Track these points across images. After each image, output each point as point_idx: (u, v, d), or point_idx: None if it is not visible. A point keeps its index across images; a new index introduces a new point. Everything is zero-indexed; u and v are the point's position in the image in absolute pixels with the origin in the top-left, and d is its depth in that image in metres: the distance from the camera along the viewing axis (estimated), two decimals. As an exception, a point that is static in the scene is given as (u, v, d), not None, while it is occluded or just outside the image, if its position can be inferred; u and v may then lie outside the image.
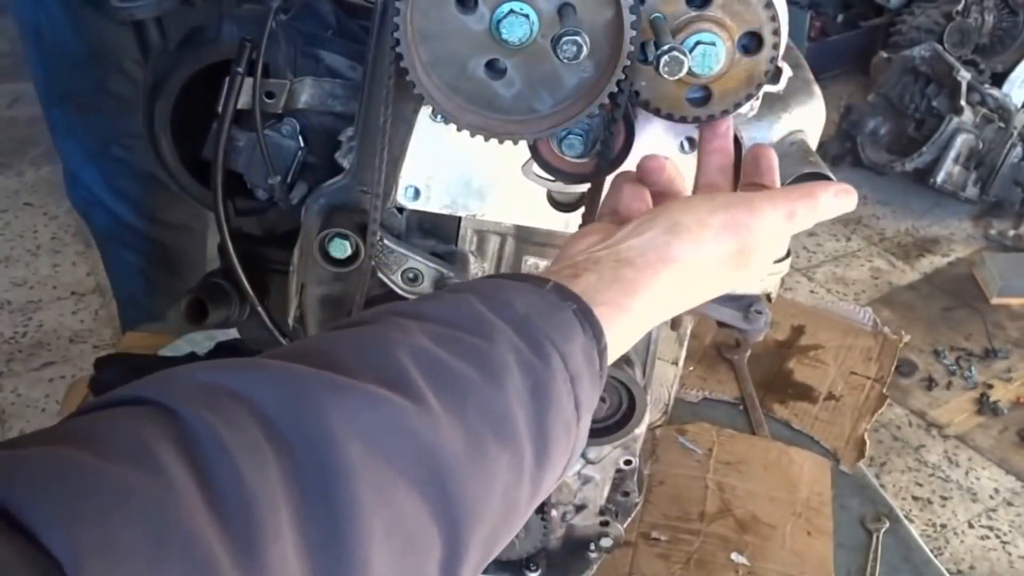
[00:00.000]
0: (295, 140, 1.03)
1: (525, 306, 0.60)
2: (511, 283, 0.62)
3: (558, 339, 0.59)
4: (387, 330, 0.56)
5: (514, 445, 0.55)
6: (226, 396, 0.47)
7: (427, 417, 0.51)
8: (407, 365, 0.53)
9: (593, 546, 1.31)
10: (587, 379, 0.60)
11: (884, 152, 3.04)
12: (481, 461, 0.53)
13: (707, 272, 0.69)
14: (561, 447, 0.59)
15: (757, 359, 2.09)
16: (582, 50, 0.71)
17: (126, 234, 1.92)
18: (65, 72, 1.74)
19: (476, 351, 0.56)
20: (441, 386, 0.53)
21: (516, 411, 0.55)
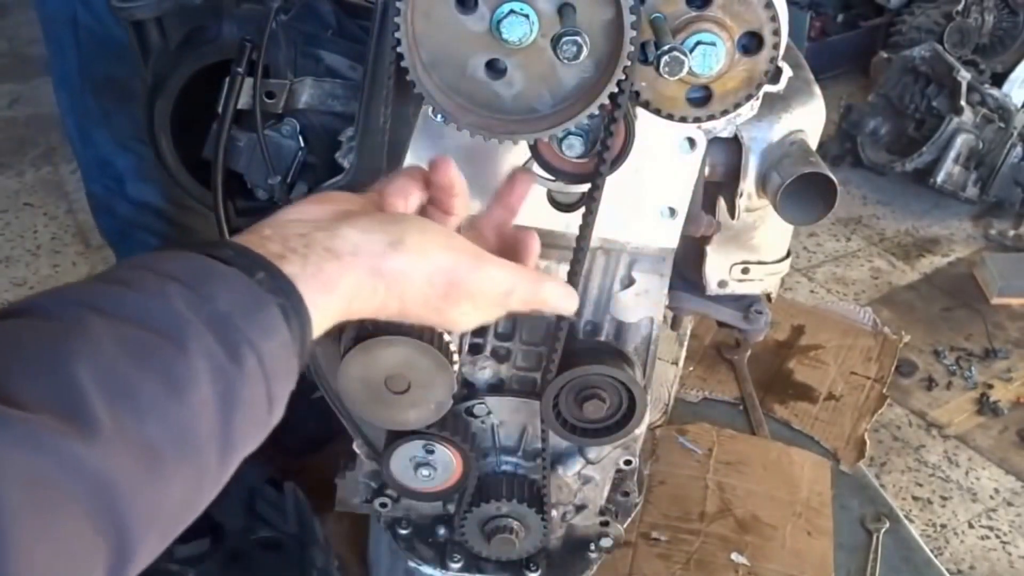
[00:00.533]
0: (295, 140, 1.03)
1: (229, 302, 0.59)
2: (220, 269, 0.60)
3: (258, 339, 0.59)
4: (73, 339, 0.54)
5: (196, 457, 0.56)
6: None
7: (99, 446, 0.51)
8: (85, 386, 0.52)
9: (593, 546, 1.31)
10: (283, 374, 0.61)
11: (884, 152, 3.04)
12: (158, 479, 0.54)
13: (408, 298, 0.70)
14: (249, 442, 0.60)
15: (757, 359, 2.09)
16: (582, 50, 0.71)
17: (150, 219, 1.94)
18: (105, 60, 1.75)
19: (165, 362, 0.55)
20: (120, 407, 0.52)
21: (200, 424, 0.56)
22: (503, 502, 1.20)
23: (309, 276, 0.64)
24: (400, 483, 1.15)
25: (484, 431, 1.17)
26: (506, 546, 1.23)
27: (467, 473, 1.14)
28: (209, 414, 0.56)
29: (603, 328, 1.09)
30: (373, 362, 0.97)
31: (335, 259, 0.66)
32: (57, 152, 3.04)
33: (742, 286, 1.12)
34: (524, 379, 1.14)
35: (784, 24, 0.77)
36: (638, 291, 1.06)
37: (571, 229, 0.94)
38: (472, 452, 1.12)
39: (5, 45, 3.71)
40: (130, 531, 0.52)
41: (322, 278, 0.65)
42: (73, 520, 0.49)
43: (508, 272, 0.75)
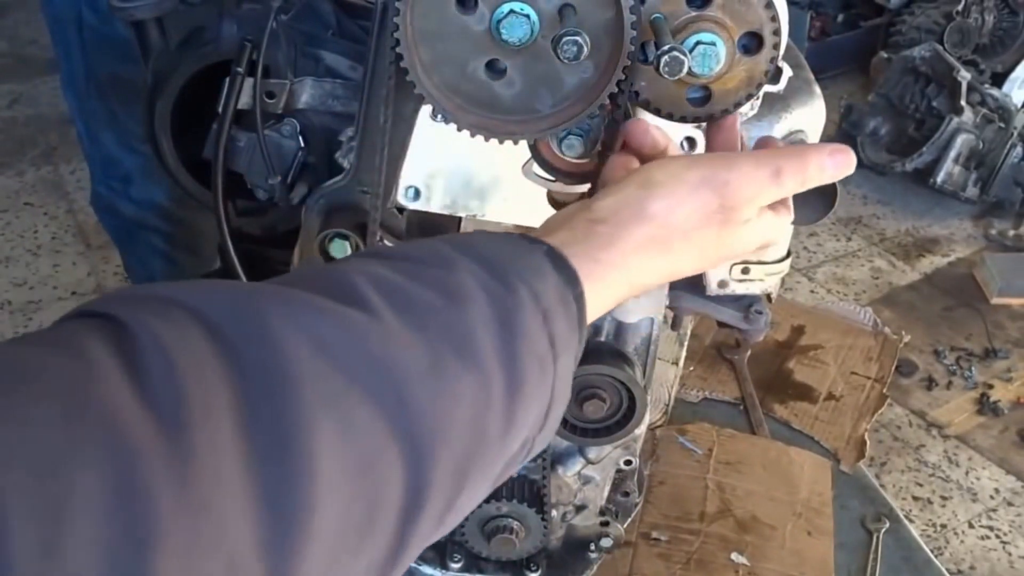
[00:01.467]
0: (295, 140, 1.03)
1: (491, 248, 0.59)
2: (479, 232, 0.62)
3: (528, 276, 0.58)
4: (343, 262, 0.57)
5: (479, 367, 0.53)
6: (173, 305, 0.46)
7: (382, 329, 0.49)
8: (361, 285, 0.51)
9: (593, 546, 1.31)
10: (563, 318, 0.59)
11: (884, 152, 3.04)
12: (442, 379, 0.51)
13: (687, 231, 0.67)
14: (535, 381, 0.56)
15: (757, 359, 2.09)
16: (582, 50, 0.71)
17: (155, 218, 1.95)
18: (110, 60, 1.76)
19: (437, 279, 0.54)
20: (399, 305, 0.51)
21: (481, 335, 0.53)
22: (503, 502, 1.20)
23: (576, 242, 0.63)
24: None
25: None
26: (506, 546, 1.23)
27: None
28: (489, 331, 0.54)
29: (603, 328, 1.09)
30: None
31: (601, 223, 0.65)
32: (57, 152, 3.05)
33: (742, 286, 1.12)
34: (524, 379, 1.13)
35: (784, 24, 0.77)
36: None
37: (571, 229, 0.94)
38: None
39: (5, 45, 3.72)
40: (422, 440, 0.49)
41: (595, 240, 0.64)
42: (364, 408, 0.47)
43: (762, 156, 0.71)
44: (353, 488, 0.46)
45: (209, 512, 0.41)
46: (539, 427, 0.59)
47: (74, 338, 0.44)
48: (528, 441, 0.59)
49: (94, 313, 0.46)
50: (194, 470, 0.41)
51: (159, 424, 0.41)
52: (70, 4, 1.76)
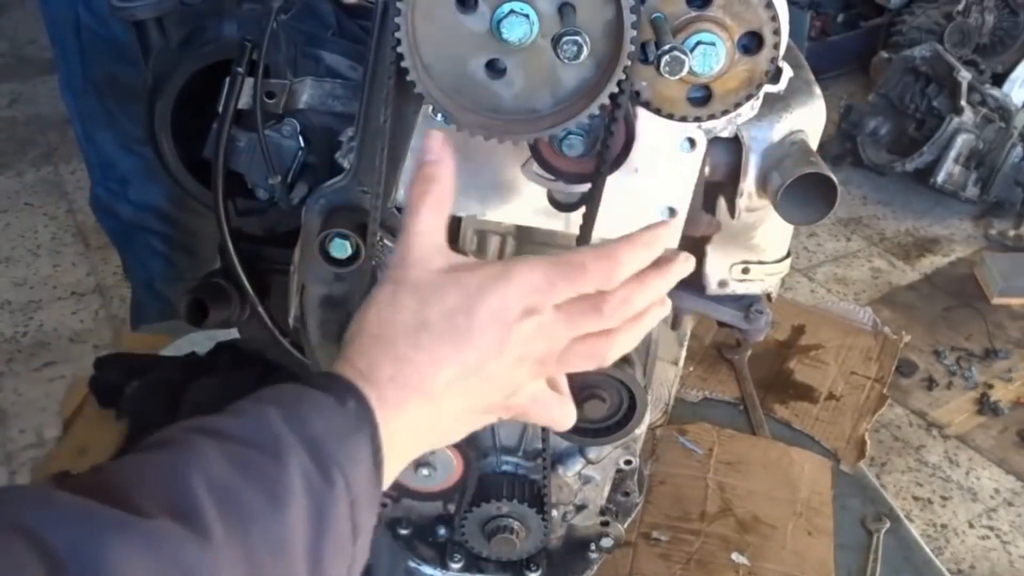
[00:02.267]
0: (295, 140, 1.03)
1: (322, 426, 0.63)
2: (314, 395, 0.65)
3: (346, 463, 0.62)
4: (185, 455, 0.59)
5: (289, 568, 0.58)
6: (23, 537, 0.50)
7: (209, 551, 0.54)
8: (199, 494, 0.56)
9: (593, 546, 1.31)
10: (366, 502, 0.64)
11: (884, 152, 3.04)
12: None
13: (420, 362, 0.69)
14: (336, 564, 0.62)
15: (757, 359, 2.09)
16: (582, 50, 0.71)
17: (153, 220, 1.96)
18: (108, 61, 1.76)
19: (268, 476, 0.59)
20: (229, 514, 0.56)
21: (296, 537, 0.59)
22: (503, 502, 1.19)
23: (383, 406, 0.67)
24: (400, 483, 1.15)
25: (484, 431, 1.17)
26: (506, 546, 1.23)
27: (467, 473, 1.13)
28: (303, 530, 0.59)
29: (603, 328, 1.09)
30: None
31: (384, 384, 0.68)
32: (57, 152, 3.05)
33: (742, 286, 1.12)
34: (524, 379, 1.13)
35: (784, 24, 0.77)
36: (638, 291, 1.06)
37: (571, 229, 0.94)
38: (472, 452, 1.12)
39: (5, 45, 3.72)
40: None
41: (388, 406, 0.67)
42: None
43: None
44: None
45: None
46: None
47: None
48: None
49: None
50: None
51: None
52: (67, 5, 1.76)
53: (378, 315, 0.72)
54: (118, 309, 2.39)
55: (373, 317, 0.72)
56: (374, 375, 0.68)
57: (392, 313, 0.71)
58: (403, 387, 0.68)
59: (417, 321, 0.69)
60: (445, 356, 0.69)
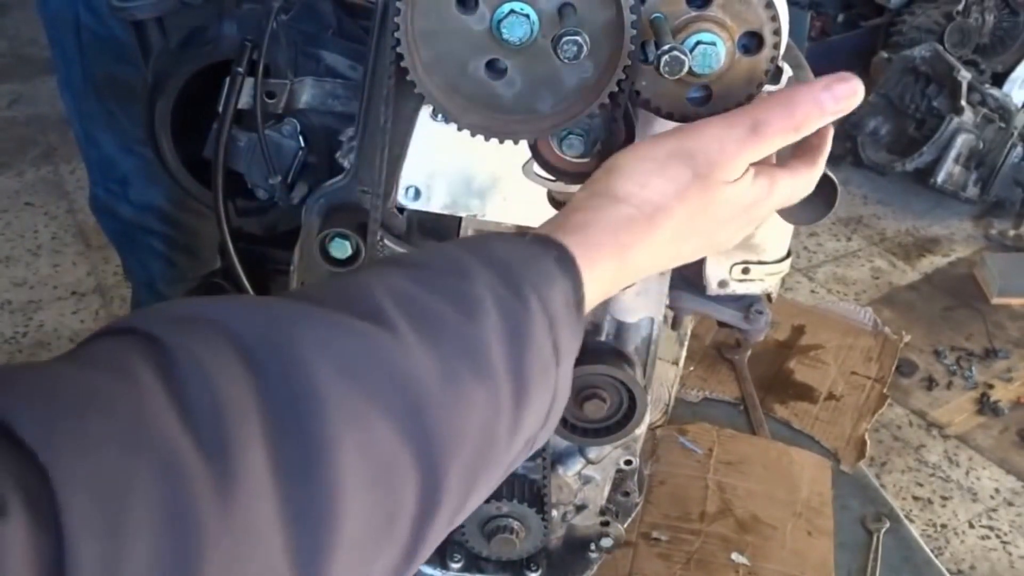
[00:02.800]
0: (296, 140, 1.03)
1: (504, 251, 0.60)
2: (492, 235, 0.64)
3: (538, 282, 0.59)
4: (365, 273, 0.58)
5: (491, 379, 0.55)
6: (203, 322, 0.49)
7: (400, 346, 0.52)
8: (381, 299, 0.54)
9: (593, 546, 1.31)
10: (566, 324, 0.60)
11: (884, 152, 3.04)
12: (457, 392, 0.53)
13: (667, 207, 0.65)
14: (540, 388, 0.59)
15: (757, 359, 2.10)
16: (582, 50, 0.71)
17: (153, 221, 1.95)
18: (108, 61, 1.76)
19: (453, 289, 0.56)
20: (416, 319, 0.53)
21: (493, 347, 0.55)
22: (503, 502, 1.20)
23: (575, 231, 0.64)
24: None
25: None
26: (506, 546, 1.23)
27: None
28: (500, 342, 0.56)
29: (603, 328, 1.09)
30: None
31: (575, 211, 0.65)
32: (57, 152, 3.05)
33: (742, 286, 1.12)
34: (524, 379, 1.13)
35: (784, 24, 0.77)
36: (638, 291, 1.06)
37: (571, 229, 0.94)
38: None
39: (5, 45, 3.72)
40: (435, 450, 0.51)
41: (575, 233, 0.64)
42: (383, 424, 0.49)
43: (736, 113, 0.68)
44: (373, 498, 0.49)
45: (248, 532, 0.44)
46: (541, 425, 0.61)
47: (120, 359, 0.46)
48: (531, 439, 0.61)
49: (131, 330, 0.48)
50: (234, 494, 0.43)
51: (203, 449, 0.43)
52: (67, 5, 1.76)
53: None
54: (118, 309, 2.39)
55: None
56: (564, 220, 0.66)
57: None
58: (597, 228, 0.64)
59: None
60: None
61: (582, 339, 0.63)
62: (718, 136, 0.66)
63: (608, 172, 0.68)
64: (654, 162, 0.66)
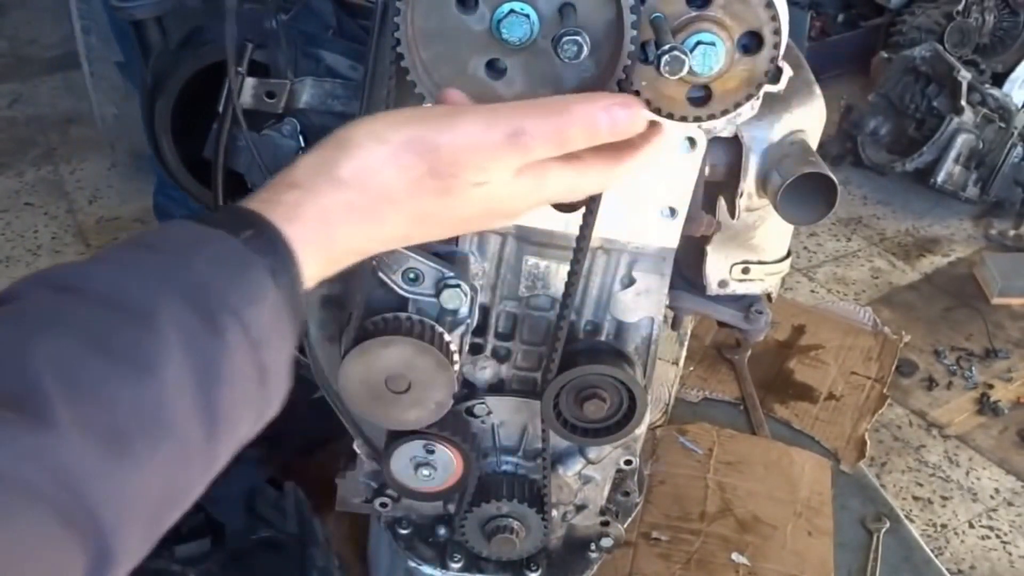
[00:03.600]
0: (295, 140, 1.03)
1: (207, 269, 0.55)
2: (203, 233, 0.56)
3: (241, 306, 0.55)
4: (27, 323, 0.51)
5: (171, 438, 0.52)
6: None
7: (55, 435, 0.48)
8: (40, 376, 0.49)
9: (593, 546, 1.31)
10: (275, 338, 0.57)
11: (884, 152, 3.04)
12: (128, 465, 0.50)
13: (393, 199, 0.61)
14: (242, 417, 0.56)
15: (757, 359, 2.10)
16: (583, 50, 0.71)
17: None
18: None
19: (131, 342, 0.52)
20: (78, 394, 0.49)
21: (174, 403, 0.52)
22: (503, 502, 1.20)
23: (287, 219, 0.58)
24: (400, 483, 1.15)
25: (484, 431, 1.17)
26: (506, 546, 1.23)
27: (467, 473, 1.14)
28: (184, 392, 0.52)
29: (603, 328, 1.09)
30: (373, 362, 0.97)
31: (293, 188, 0.60)
32: (57, 152, 3.05)
33: (742, 286, 1.12)
34: (524, 379, 1.14)
35: (784, 24, 0.77)
36: (638, 291, 1.06)
37: (571, 229, 0.94)
38: (472, 452, 1.12)
39: (5, 45, 3.71)
40: (104, 524, 0.49)
41: (284, 209, 0.59)
42: (37, 517, 0.46)
43: (500, 109, 0.62)
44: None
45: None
46: (252, 429, 0.58)
47: None
48: (241, 442, 0.58)
49: None
50: None
51: None
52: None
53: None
54: (118, 309, 2.39)
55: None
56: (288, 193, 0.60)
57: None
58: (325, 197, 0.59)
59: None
60: None
61: (298, 334, 0.59)
62: (471, 137, 0.61)
63: (338, 145, 0.61)
64: (388, 146, 0.60)
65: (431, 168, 0.61)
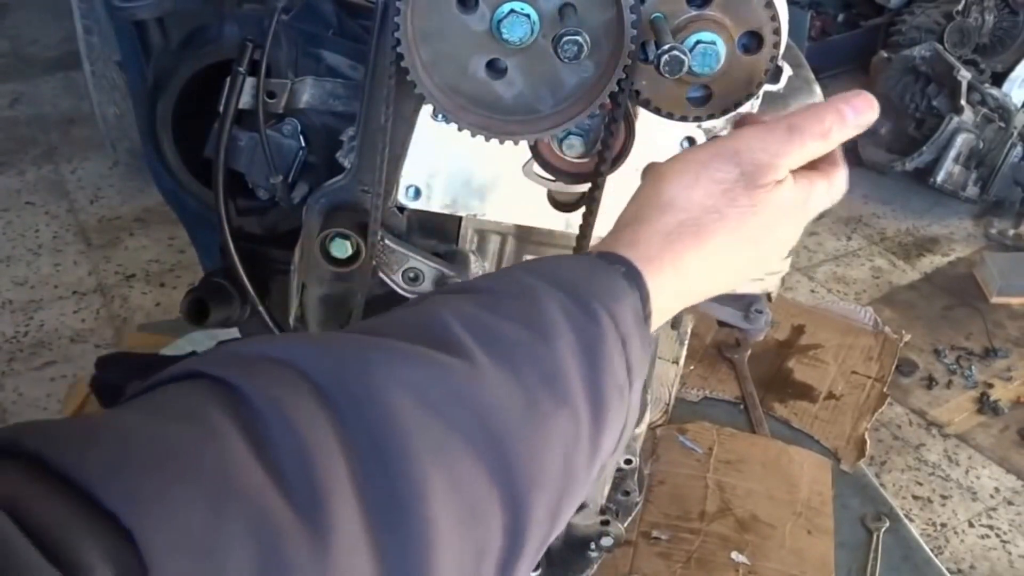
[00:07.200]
0: (296, 140, 1.03)
1: (569, 271, 0.59)
2: (554, 256, 0.63)
3: (607, 299, 0.57)
4: (430, 302, 0.56)
5: (570, 404, 0.53)
6: (275, 365, 0.47)
7: (479, 376, 0.50)
8: (453, 327, 0.52)
9: (594, 545, 1.31)
10: (637, 342, 0.59)
11: (884, 152, 3.04)
12: (537, 420, 0.51)
13: (716, 208, 0.65)
14: (616, 411, 0.57)
15: (757, 358, 2.10)
16: (583, 50, 0.71)
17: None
18: None
19: (524, 312, 0.55)
20: (492, 346, 0.52)
21: (569, 369, 0.53)
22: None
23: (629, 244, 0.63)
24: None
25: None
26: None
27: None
28: (576, 363, 0.54)
29: (603, 327, 1.09)
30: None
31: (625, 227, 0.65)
32: (58, 151, 3.05)
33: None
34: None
35: (784, 23, 0.77)
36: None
37: (571, 229, 0.94)
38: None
39: (6, 45, 3.72)
40: (521, 485, 0.49)
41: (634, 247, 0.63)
42: (467, 456, 0.48)
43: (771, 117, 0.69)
44: (462, 541, 0.47)
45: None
46: (612, 451, 0.59)
47: (194, 408, 0.44)
48: (603, 467, 0.59)
49: (199, 374, 0.47)
50: (329, 550, 0.42)
51: (292, 501, 0.42)
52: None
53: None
54: (119, 309, 2.39)
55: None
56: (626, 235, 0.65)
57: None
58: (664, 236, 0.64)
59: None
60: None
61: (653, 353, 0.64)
62: (760, 137, 0.66)
63: (653, 180, 0.67)
64: (697, 164, 0.66)
65: (740, 172, 0.65)
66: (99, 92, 2.70)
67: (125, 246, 2.62)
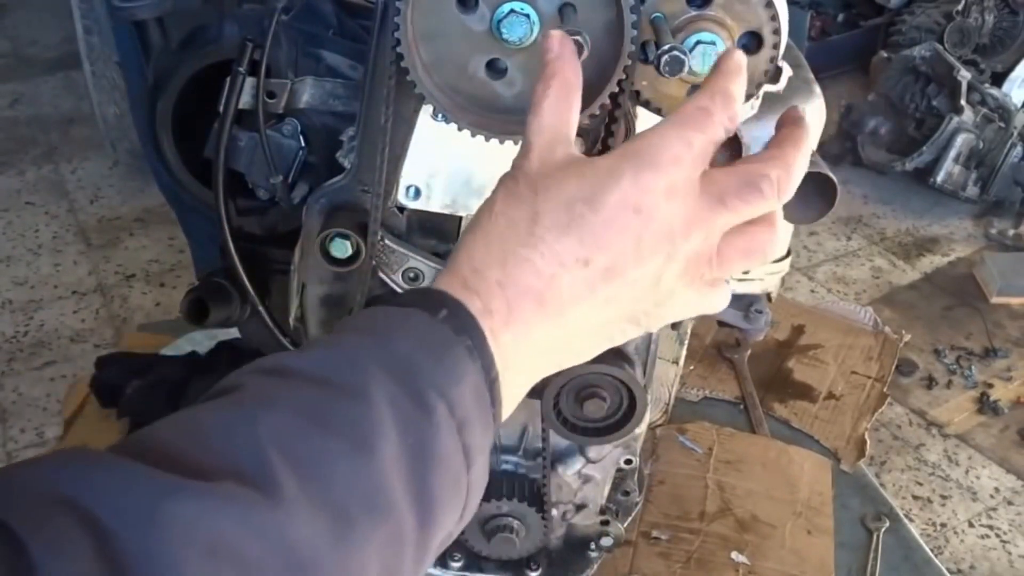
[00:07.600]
0: (296, 140, 1.03)
1: (409, 347, 0.55)
2: (398, 312, 0.57)
3: (445, 384, 0.54)
4: (247, 404, 0.52)
5: (390, 519, 0.51)
6: (66, 512, 0.44)
7: (283, 511, 0.47)
8: (267, 451, 0.49)
9: (594, 545, 1.31)
10: (478, 420, 0.56)
11: (884, 152, 3.04)
12: (350, 546, 0.49)
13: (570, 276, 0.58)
14: (449, 503, 0.55)
15: (757, 358, 2.10)
16: (583, 50, 0.71)
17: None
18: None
19: (347, 416, 0.52)
20: (303, 468, 0.49)
21: (391, 480, 0.51)
22: (504, 501, 1.20)
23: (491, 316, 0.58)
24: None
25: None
26: (507, 545, 1.23)
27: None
28: (401, 471, 0.51)
29: (603, 327, 1.09)
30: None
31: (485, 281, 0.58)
32: (58, 151, 3.05)
33: (742, 285, 1.12)
34: (524, 378, 1.14)
35: (784, 23, 0.77)
36: (638, 290, 1.06)
37: (571, 228, 0.94)
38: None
39: (6, 45, 3.72)
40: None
41: (494, 307, 0.58)
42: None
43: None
44: None
45: None
46: (455, 523, 0.57)
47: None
48: (445, 540, 0.57)
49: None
50: None
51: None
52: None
53: (490, 213, 0.60)
54: (119, 308, 2.39)
55: (484, 217, 0.60)
56: (479, 282, 0.58)
57: (505, 208, 0.59)
58: (516, 294, 0.57)
59: (531, 213, 0.58)
60: (566, 254, 0.57)
61: (498, 423, 0.59)
62: (659, 129, 0.61)
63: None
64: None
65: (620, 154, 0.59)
66: (99, 92, 2.70)
67: (125, 246, 2.62)
